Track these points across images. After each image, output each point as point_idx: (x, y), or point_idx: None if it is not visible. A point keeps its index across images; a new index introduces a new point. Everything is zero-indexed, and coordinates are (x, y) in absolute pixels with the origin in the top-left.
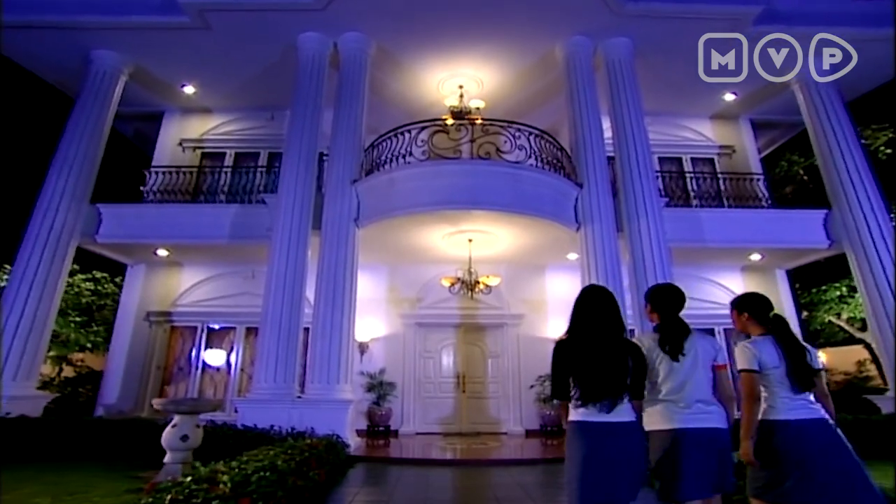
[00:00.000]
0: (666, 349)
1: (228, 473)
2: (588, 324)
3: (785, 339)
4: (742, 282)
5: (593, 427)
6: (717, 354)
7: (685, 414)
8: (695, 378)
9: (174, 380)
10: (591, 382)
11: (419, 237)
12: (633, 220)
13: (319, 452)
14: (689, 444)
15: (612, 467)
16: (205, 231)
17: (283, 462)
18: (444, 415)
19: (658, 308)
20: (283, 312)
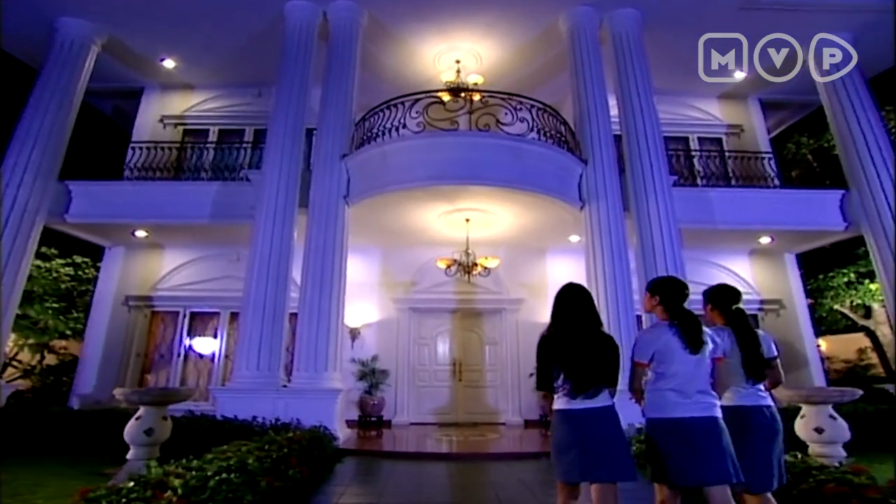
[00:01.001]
0: (688, 344)
1: (184, 476)
2: (570, 319)
3: (741, 331)
4: (750, 266)
5: (578, 414)
6: (716, 348)
7: (688, 403)
8: (700, 370)
9: (155, 367)
10: (578, 374)
11: (413, 217)
12: (641, 199)
13: (302, 447)
14: (690, 432)
15: (595, 448)
16: (185, 210)
17: (254, 461)
18: (440, 404)
19: (667, 301)
20: (267, 295)
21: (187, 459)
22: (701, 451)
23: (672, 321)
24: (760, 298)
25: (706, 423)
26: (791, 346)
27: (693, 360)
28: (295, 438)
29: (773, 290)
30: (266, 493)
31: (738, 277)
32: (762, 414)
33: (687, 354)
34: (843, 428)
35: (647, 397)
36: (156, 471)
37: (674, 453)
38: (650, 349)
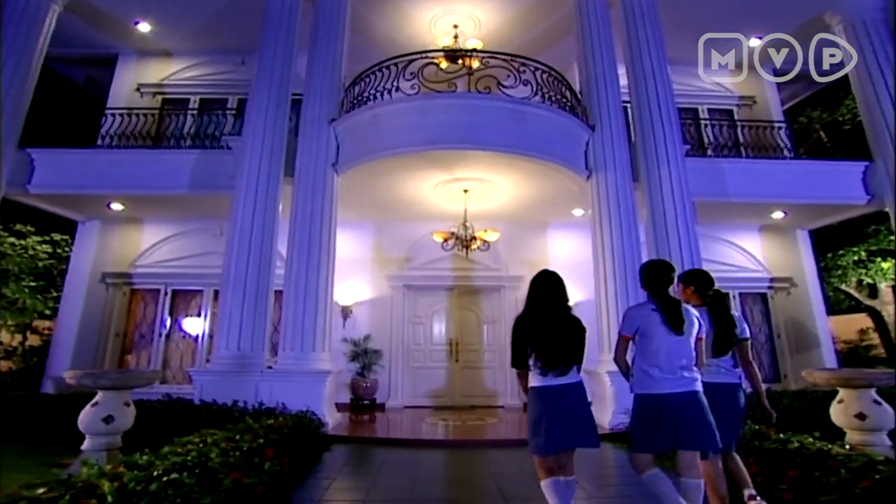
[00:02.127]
0: (669, 325)
1: (121, 477)
2: (543, 303)
3: (717, 312)
4: (760, 242)
5: (550, 390)
6: (700, 328)
7: (671, 379)
8: (684, 349)
9: (136, 348)
10: (549, 354)
11: (408, 187)
12: (653, 168)
13: (282, 436)
14: (671, 406)
15: (566, 421)
16: (162, 180)
17: (218, 454)
18: (436, 386)
19: (650, 284)
20: (249, 270)
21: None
22: (681, 423)
23: (655, 302)
24: (770, 276)
25: (687, 398)
26: (801, 325)
27: (675, 339)
28: (275, 426)
29: (784, 268)
30: (232, 493)
31: (747, 254)
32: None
33: (668, 334)
34: (889, 414)
35: (633, 374)
36: (90, 471)
37: (655, 425)
38: (635, 325)
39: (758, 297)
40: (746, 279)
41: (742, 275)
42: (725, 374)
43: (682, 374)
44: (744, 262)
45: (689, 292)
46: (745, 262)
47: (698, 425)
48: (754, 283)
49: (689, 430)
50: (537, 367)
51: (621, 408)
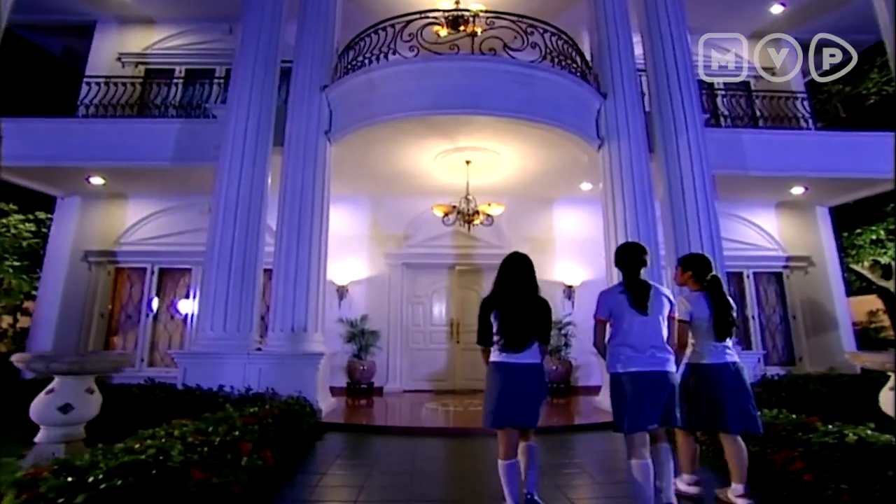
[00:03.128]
0: (633, 305)
1: (36, 486)
2: (509, 284)
3: (715, 297)
4: (776, 220)
5: (508, 366)
6: (671, 307)
7: (641, 358)
8: (651, 328)
9: (122, 329)
10: (510, 332)
11: (406, 158)
12: (670, 138)
13: (265, 426)
14: (643, 385)
15: (521, 397)
16: (143, 152)
17: (180, 451)
18: (436, 369)
19: (621, 265)
20: (235, 245)
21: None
22: (652, 400)
23: (624, 284)
24: (786, 255)
25: (656, 376)
26: (819, 306)
27: (642, 318)
28: (260, 414)
29: (802, 247)
30: (200, 496)
31: (762, 232)
32: (728, 369)
33: (636, 314)
34: None
35: (607, 353)
36: (13, 474)
37: (630, 403)
38: (607, 308)
39: (772, 276)
40: (761, 258)
41: (756, 253)
42: (730, 355)
43: (653, 352)
44: (759, 241)
45: (686, 276)
46: (759, 241)
47: (667, 404)
48: (769, 262)
49: (658, 408)
50: (499, 344)
51: None
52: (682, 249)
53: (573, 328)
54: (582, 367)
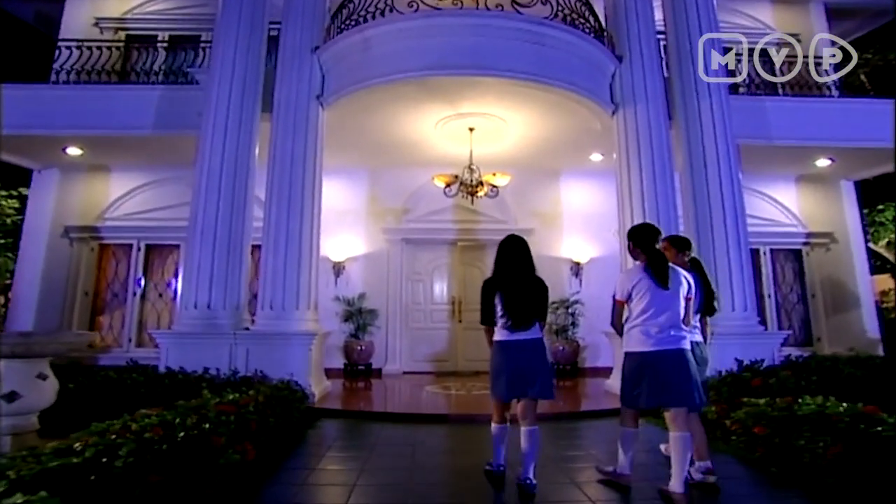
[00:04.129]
0: (657, 282)
1: None
2: (509, 266)
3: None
4: (796, 195)
5: (512, 344)
6: (689, 289)
7: (660, 337)
8: (672, 307)
9: (108, 308)
10: (515, 312)
11: (405, 125)
12: (691, 103)
13: (244, 417)
14: (661, 363)
15: (525, 372)
16: (122, 119)
17: (129, 452)
18: (437, 350)
19: (641, 245)
20: (220, 217)
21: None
22: (665, 379)
23: (645, 262)
24: (807, 231)
25: (674, 355)
26: (841, 284)
27: (665, 296)
28: (242, 401)
29: (823, 223)
30: None
31: (781, 207)
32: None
33: (659, 291)
34: None
35: (626, 333)
36: None
37: (641, 382)
38: (627, 287)
39: (790, 253)
40: (779, 234)
41: (774, 229)
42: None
43: (669, 332)
44: (777, 216)
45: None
46: (778, 216)
47: (681, 382)
48: (788, 238)
49: (671, 387)
50: (504, 324)
51: None
52: (702, 224)
53: (581, 307)
54: (590, 348)
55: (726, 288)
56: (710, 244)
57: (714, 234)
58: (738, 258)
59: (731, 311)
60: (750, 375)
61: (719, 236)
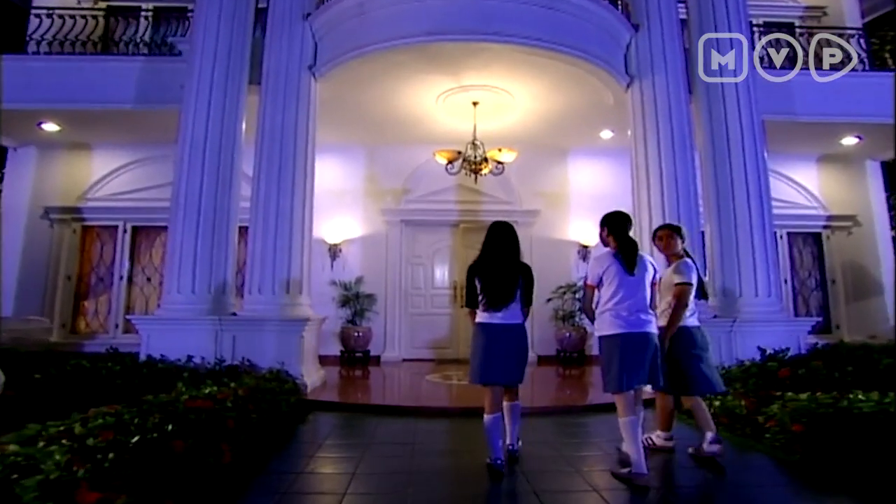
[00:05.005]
0: (624, 267)
1: None
2: (493, 250)
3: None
4: (817, 175)
5: (492, 327)
6: (655, 274)
7: (629, 321)
8: (639, 292)
9: (93, 292)
10: (491, 293)
11: (404, 99)
12: (715, 75)
13: (221, 414)
14: (631, 346)
15: (504, 356)
16: (101, 93)
17: (57, 465)
18: (438, 336)
19: (614, 231)
20: (204, 195)
21: None
22: (637, 360)
23: (616, 248)
24: (828, 214)
25: (641, 338)
26: (863, 270)
27: (632, 282)
28: (220, 396)
29: (846, 205)
30: None
31: (800, 188)
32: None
33: (627, 277)
34: None
35: (598, 317)
36: None
37: (618, 363)
38: (598, 272)
39: (809, 237)
40: (797, 217)
41: (792, 212)
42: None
43: (638, 315)
44: (795, 198)
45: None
46: (797, 198)
47: (647, 363)
48: (807, 221)
49: (642, 368)
50: (482, 305)
51: None
52: (724, 205)
53: None
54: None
55: (749, 272)
56: (731, 225)
57: (736, 215)
58: (761, 240)
59: (753, 297)
60: (777, 366)
61: (742, 217)
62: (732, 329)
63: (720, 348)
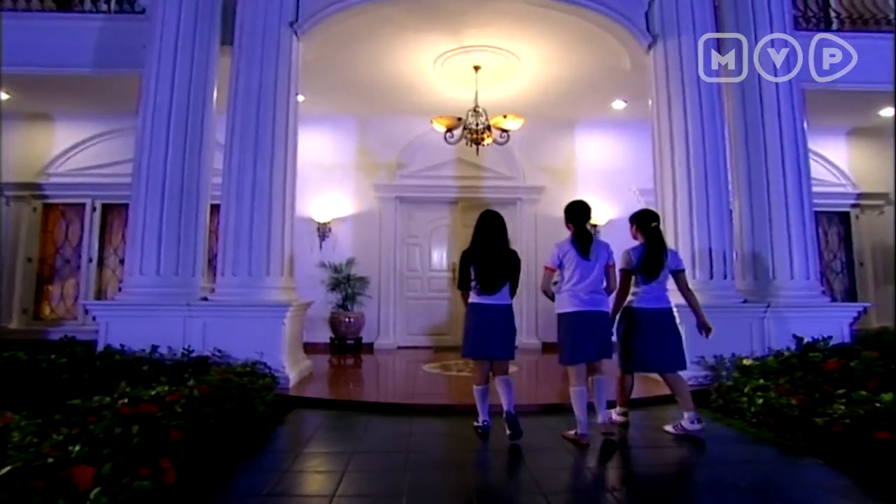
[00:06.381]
0: (580, 253)
1: None
2: (483, 239)
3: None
4: (847, 150)
5: (484, 307)
6: (609, 257)
7: (584, 300)
8: (593, 274)
9: (59, 276)
10: (484, 279)
11: (398, 62)
12: (749, 36)
13: (162, 422)
14: (585, 323)
15: (494, 333)
16: (53, 55)
17: None
18: (435, 322)
19: (572, 219)
20: (171, 166)
21: None
22: (592, 336)
23: (573, 235)
24: (857, 192)
25: (595, 315)
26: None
27: (588, 265)
28: (170, 398)
29: (878, 182)
30: None
31: (827, 164)
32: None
33: (583, 261)
34: None
35: (558, 297)
36: None
37: (574, 339)
38: (558, 258)
39: (835, 216)
40: (823, 195)
41: (818, 189)
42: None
43: (593, 295)
44: (822, 174)
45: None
46: (823, 174)
47: (600, 338)
48: (834, 199)
49: (596, 343)
50: (476, 289)
51: (695, 355)
52: (756, 178)
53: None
54: None
55: (783, 251)
56: (763, 200)
57: (770, 189)
58: (799, 217)
59: (788, 280)
60: (821, 356)
61: (776, 191)
62: (765, 315)
63: (750, 336)
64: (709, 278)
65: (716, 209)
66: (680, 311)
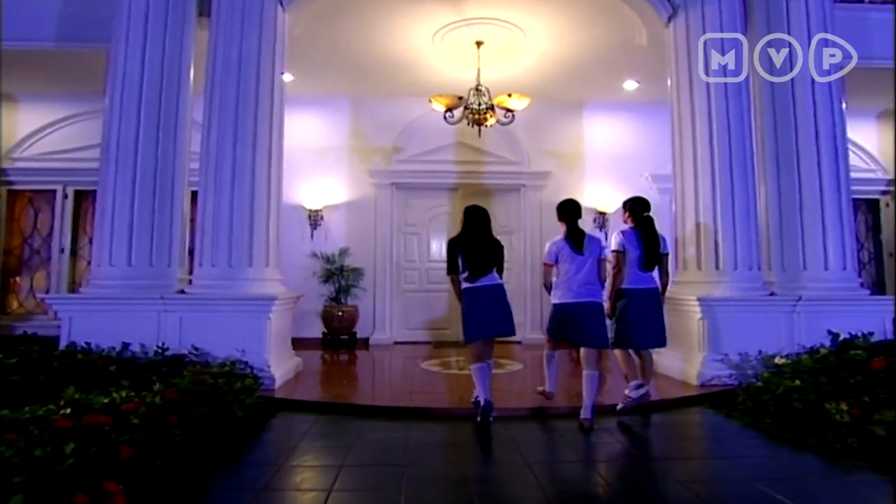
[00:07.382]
0: (573, 248)
1: None
2: (470, 231)
3: (645, 233)
4: (877, 134)
5: (477, 289)
6: (601, 251)
7: (578, 290)
8: (586, 267)
9: (27, 268)
10: (473, 267)
11: (395, 37)
12: (779, 12)
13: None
14: (579, 311)
15: (492, 311)
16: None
17: None
18: (434, 316)
19: (564, 218)
20: (142, 147)
21: None
22: (582, 325)
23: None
24: (888, 178)
25: (589, 306)
26: None
27: (581, 259)
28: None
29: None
30: None
31: (855, 148)
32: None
33: (576, 256)
34: None
35: (554, 289)
36: None
37: (563, 326)
38: (554, 253)
39: (863, 204)
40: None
41: None
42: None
43: (585, 287)
44: (850, 159)
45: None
46: (851, 159)
47: (593, 327)
48: (862, 185)
49: (585, 331)
50: (466, 277)
51: (717, 352)
52: (785, 161)
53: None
54: None
55: (816, 240)
56: (794, 185)
57: (801, 173)
58: (834, 202)
59: (822, 271)
60: (864, 355)
61: (809, 174)
62: (795, 309)
63: (779, 332)
64: (733, 269)
65: (741, 193)
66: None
